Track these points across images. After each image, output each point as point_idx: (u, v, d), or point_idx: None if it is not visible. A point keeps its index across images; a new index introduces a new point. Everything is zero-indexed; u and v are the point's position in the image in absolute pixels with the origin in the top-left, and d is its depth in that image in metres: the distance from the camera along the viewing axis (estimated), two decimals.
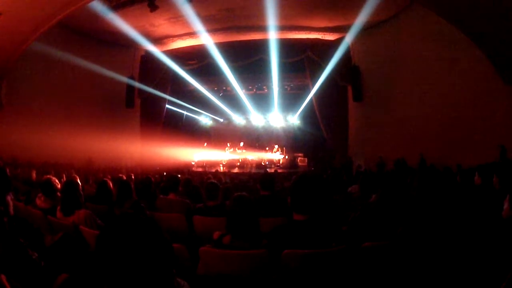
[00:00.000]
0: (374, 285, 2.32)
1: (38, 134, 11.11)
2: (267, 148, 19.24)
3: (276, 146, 18.85)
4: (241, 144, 19.34)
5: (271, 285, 2.26)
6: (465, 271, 1.83)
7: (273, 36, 14.17)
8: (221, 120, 21.68)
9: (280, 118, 20.11)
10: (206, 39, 14.87)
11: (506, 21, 8.51)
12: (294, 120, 19.68)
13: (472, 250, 1.91)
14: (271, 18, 12.53)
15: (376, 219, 2.75)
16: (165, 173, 10.33)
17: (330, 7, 12.74)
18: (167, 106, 17.39)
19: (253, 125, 21.01)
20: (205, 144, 19.78)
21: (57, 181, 3.84)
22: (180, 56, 16.21)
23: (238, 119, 21.11)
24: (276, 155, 18.53)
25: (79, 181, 3.96)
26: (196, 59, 16.05)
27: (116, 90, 16.16)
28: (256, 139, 20.34)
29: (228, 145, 19.28)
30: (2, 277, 1.45)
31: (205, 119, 21.78)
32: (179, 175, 5.36)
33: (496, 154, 9.12)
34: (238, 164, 18.20)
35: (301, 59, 15.50)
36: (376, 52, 14.29)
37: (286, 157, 18.34)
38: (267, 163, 18.09)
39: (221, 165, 18.35)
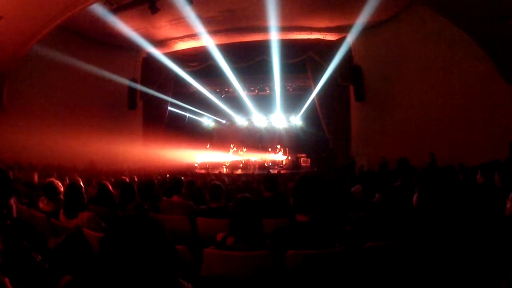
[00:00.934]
0: (377, 285, 2.31)
1: (40, 137, 11.14)
2: (270, 149, 19.27)
3: (279, 147, 18.87)
4: (244, 150, 19.40)
5: (275, 286, 2.26)
6: (468, 271, 1.82)
7: (274, 37, 14.16)
8: (224, 121, 21.71)
9: (282, 119, 20.12)
10: (207, 41, 14.89)
11: (507, 20, 8.47)
12: (296, 120, 19.68)
13: (474, 249, 1.90)
14: (272, 19, 12.54)
15: (379, 219, 2.74)
16: (168, 175, 10.32)
17: (331, 7, 12.75)
18: (169, 108, 17.42)
19: (256, 126, 21.03)
20: (208, 145, 19.82)
21: (59, 184, 3.82)
22: (182, 58, 16.23)
23: (240, 120, 21.13)
24: (279, 156, 18.57)
25: (81, 184, 3.97)
26: (198, 61, 16.07)
27: (118, 92, 16.23)
28: (259, 140, 20.36)
29: (232, 146, 19.32)
30: (6, 280, 1.45)
31: (207, 121, 21.82)
32: (182, 177, 5.35)
33: (496, 153, 9.04)
34: (241, 165, 18.24)
35: (303, 60, 15.48)
36: (377, 52, 14.27)
37: (289, 158, 18.37)
38: (270, 164, 18.13)
39: (224, 166, 18.37)
